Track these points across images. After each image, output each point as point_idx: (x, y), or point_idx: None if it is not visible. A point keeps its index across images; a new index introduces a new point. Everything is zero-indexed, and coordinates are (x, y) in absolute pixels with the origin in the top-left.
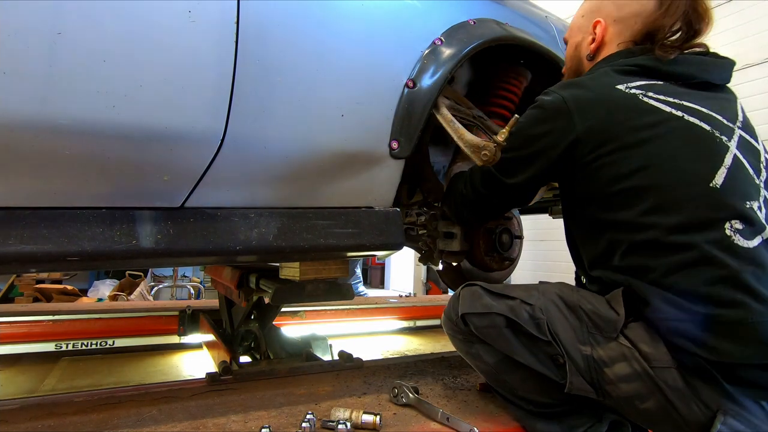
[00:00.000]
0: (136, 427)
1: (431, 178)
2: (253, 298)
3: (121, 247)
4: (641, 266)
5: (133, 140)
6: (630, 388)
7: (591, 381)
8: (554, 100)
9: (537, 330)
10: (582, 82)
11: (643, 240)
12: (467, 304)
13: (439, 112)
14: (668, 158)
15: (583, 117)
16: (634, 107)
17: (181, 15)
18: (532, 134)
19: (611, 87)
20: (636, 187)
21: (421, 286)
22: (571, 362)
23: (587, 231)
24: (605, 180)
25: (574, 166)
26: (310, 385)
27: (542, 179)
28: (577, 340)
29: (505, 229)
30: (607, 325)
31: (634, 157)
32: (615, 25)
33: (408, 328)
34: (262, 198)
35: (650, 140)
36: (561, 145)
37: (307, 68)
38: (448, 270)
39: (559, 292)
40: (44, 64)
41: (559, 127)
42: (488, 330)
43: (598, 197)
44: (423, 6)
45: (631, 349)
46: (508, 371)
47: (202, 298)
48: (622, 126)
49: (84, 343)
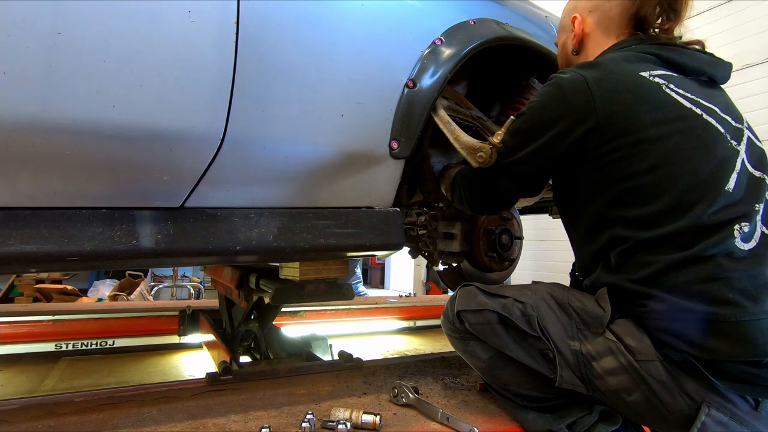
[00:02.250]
0: (136, 427)
1: (431, 178)
2: (253, 298)
3: (121, 247)
4: (639, 263)
5: (133, 140)
6: (617, 381)
7: (580, 376)
8: (574, 80)
9: (527, 326)
10: (603, 63)
11: (650, 238)
12: (463, 302)
13: (436, 114)
14: (687, 158)
15: (605, 102)
16: (658, 98)
17: (181, 15)
18: (546, 116)
19: (635, 73)
20: (652, 185)
21: (421, 286)
22: (560, 356)
23: (588, 225)
24: (619, 175)
25: (586, 155)
26: (310, 385)
27: (553, 165)
28: (566, 336)
29: (505, 230)
30: (594, 320)
31: (652, 152)
32: (591, 15)
33: (408, 328)
34: (262, 198)
35: (669, 136)
36: (577, 131)
37: (307, 68)
38: (448, 270)
39: (550, 291)
40: (44, 64)
41: (577, 111)
42: (481, 326)
43: (608, 192)
44: (423, 6)
45: (617, 343)
46: (501, 367)
47: (202, 298)
48: (645, 117)
49: (84, 343)
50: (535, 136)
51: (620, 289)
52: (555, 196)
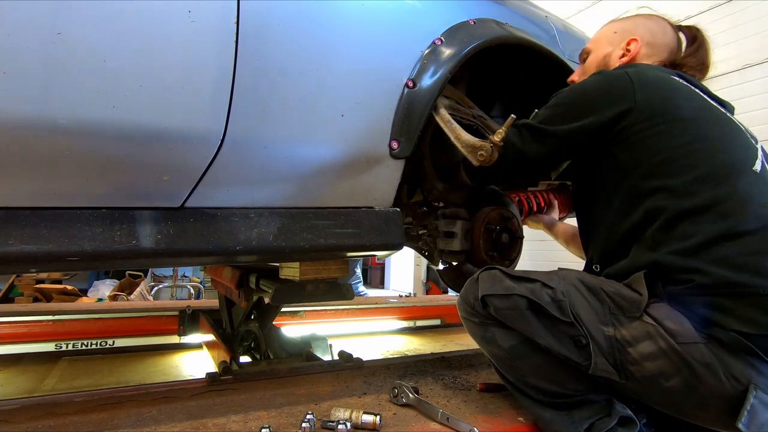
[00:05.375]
0: (136, 427)
1: (431, 178)
2: (253, 298)
3: (121, 247)
4: (682, 235)
5: (133, 140)
6: (654, 366)
7: (614, 363)
8: (616, 71)
9: (559, 312)
10: (639, 65)
11: (689, 208)
12: (487, 286)
13: (437, 113)
14: (718, 139)
15: (643, 90)
16: (689, 92)
17: (181, 15)
18: (587, 94)
19: (669, 76)
20: (687, 155)
21: (421, 286)
22: (593, 343)
23: (622, 201)
24: (656, 147)
25: (621, 132)
26: (310, 385)
27: (579, 135)
28: (599, 322)
29: (505, 229)
30: (631, 305)
31: (687, 129)
32: (646, 47)
33: (408, 328)
34: (262, 198)
35: (702, 118)
36: (615, 109)
37: (307, 68)
38: (448, 269)
39: (580, 276)
40: (44, 64)
41: (617, 92)
42: (509, 312)
43: (645, 165)
44: (423, 6)
45: (656, 327)
46: (523, 356)
47: (202, 298)
48: (680, 100)
49: (84, 343)
50: (575, 108)
51: (661, 266)
52: (578, 185)
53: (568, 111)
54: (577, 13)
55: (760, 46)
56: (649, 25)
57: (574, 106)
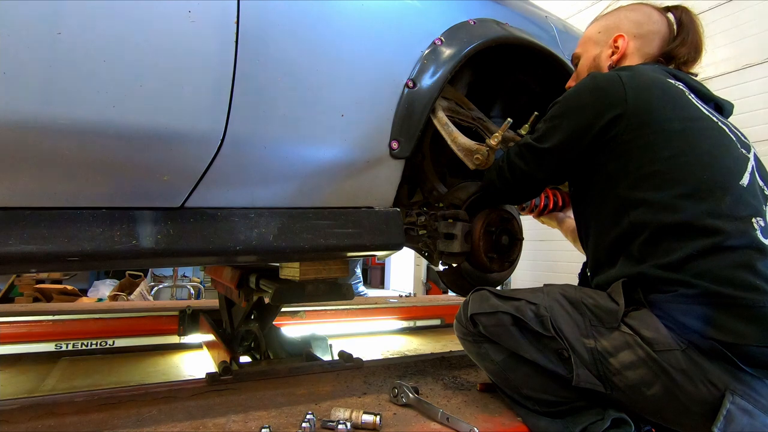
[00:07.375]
0: (136, 427)
1: (431, 178)
2: (253, 298)
3: (121, 247)
4: (666, 250)
5: (133, 140)
6: (635, 375)
7: (597, 374)
8: (608, 75)
9: (541, 327)
10: (632, 67)
11: (672, 222)
12: (476, 305)
13: (434, 115)
14: (705, 152)
15: (636, 94)
16: (682, 99)
17: (181, 15)
18: (580, 101)
19: (663, 78)
20: (673, 169)
21: (421, 286)
22: (575, 355)
23: (610, 210)
24: (643, 160)
25: (610, 142)
26: (310, 385)
27: (581, 151)
28: (581, 334)
29: (505, 231)
30: (608, 315)
31: (674, 142)
32: (635, 40)
33: (408, 328)
34: (262, 198)
35: (691, 131)
36: (606, 116)
37: (307, 68)
38: (448, 271)
39: (563, 291)
40: (44, 64)
41: (608, 97)
42: (495, 328)
43: (631, 175)
44: (423, 6)
45: (633, 336)
46: (513, 369)
47: (202, 298)
48: (670, 112)
49: (84, 343)
50: (567, 120)
51: (646, 278)
52: (574, 188)
53: (561, 123)
54: (577, 13)
55: (759, 46)
56: (633, 17)
57: (566, 117)
